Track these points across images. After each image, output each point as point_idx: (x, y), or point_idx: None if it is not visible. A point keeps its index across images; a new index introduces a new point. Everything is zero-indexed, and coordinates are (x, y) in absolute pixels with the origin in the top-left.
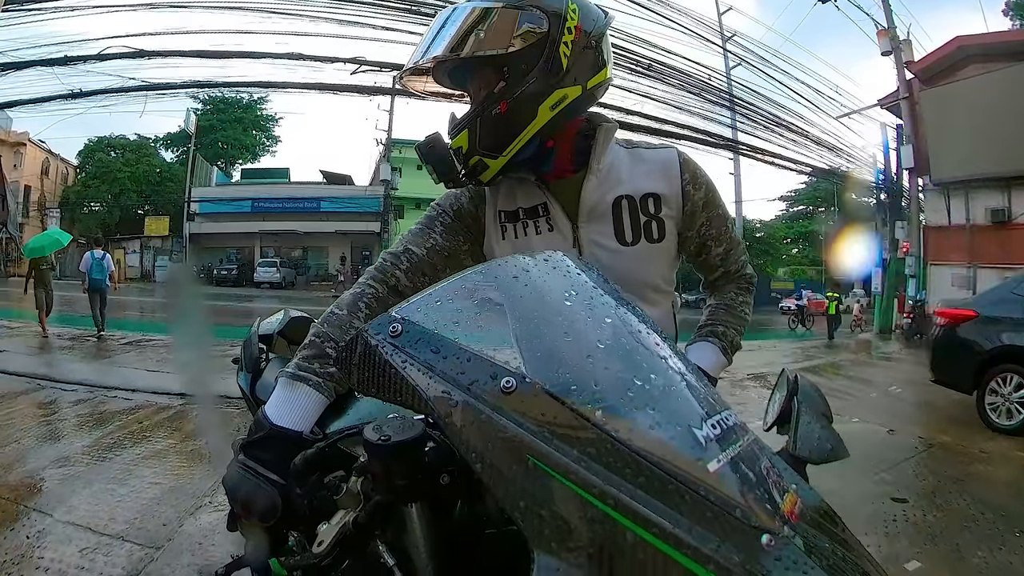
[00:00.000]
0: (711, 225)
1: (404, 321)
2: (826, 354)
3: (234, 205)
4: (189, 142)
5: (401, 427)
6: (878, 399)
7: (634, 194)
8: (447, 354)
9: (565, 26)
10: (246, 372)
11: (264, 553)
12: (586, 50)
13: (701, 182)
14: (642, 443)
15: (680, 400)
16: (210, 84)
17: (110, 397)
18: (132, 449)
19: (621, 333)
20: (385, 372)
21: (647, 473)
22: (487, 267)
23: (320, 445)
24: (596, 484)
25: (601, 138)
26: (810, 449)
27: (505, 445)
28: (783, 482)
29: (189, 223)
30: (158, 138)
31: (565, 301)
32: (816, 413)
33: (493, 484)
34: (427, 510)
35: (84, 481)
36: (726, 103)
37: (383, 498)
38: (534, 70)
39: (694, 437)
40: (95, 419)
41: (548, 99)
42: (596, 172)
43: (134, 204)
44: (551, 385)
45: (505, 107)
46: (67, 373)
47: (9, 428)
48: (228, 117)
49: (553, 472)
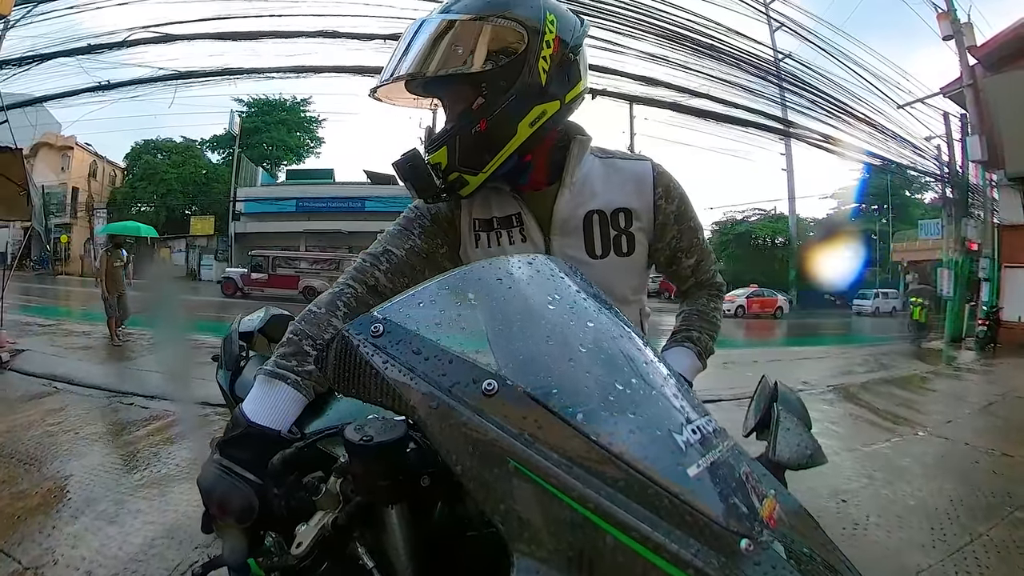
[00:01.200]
0: (682, 237)
1: (386, 321)
2: (901, 363)
3: (279, 205)
4: (234, 144)
5: (383, 428)
6: (976, 417)
7: (605, 208)
8: (429, 355)
9: (544, 40)
10: (226, 370)
11: (241, 554)
12: (564, 63)
13: (674, 195)
14: (622, 447)
15: (661, 405)
16: (241, 71)
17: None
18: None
19: (603, 337)
20: (366, 372)
21: (627, 477)
22: (470, 269)
23: (299, 445)
24: (576, 488)
25: (575, 151)
26: (789, 455)
27: (486, 448)
28: (762, 488)
29: (234, 223)
30: (204, 140)
31: (548, 304)
32: (795, 419)
33: (473, 487)
34: (407, 512)
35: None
36: (774, 81)
37: (363, 499)
38: (513, 87)
39: (674, 442)
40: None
41: (528, 116)
42: (569, 186)
43: (180, 204)
44: (532, 388)
45: (485, 125)
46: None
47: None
48: (272, 119)
49: (533, 475)
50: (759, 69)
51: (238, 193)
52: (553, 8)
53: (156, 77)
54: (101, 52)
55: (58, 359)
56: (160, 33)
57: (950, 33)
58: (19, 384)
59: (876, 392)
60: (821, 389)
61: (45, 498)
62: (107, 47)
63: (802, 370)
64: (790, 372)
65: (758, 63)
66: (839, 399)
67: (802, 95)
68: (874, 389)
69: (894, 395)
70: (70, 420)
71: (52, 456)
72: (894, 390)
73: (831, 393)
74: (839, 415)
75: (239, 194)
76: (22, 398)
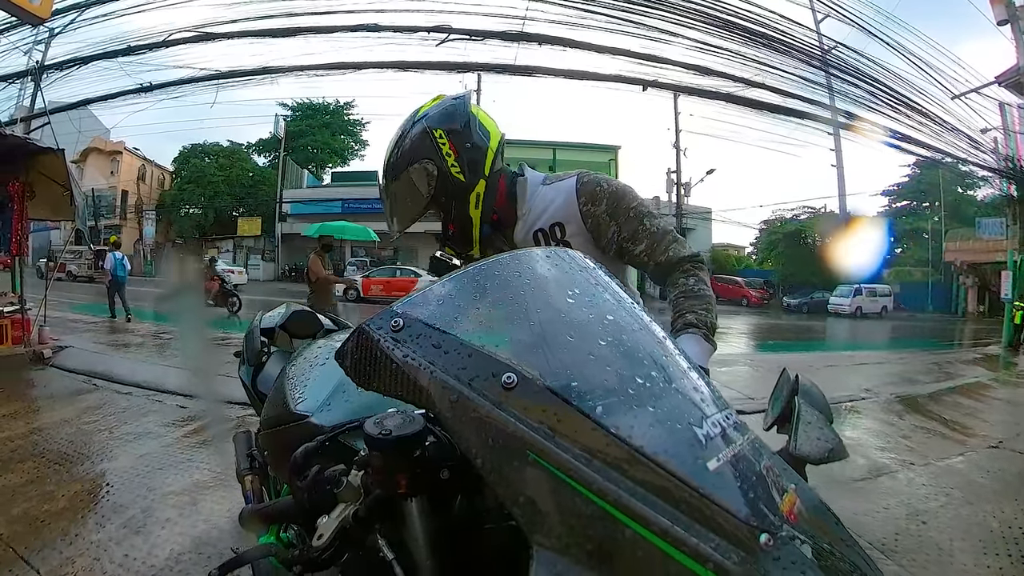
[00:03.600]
0: (623, 229)
1: (405, 316)
2: (963, 370)
3: (324, 206)
4: (279, 147)
5: (402, 422)
6: None
7: (544, 226)
8: (448, 349)
9: (443, 153)
10: (248, 365)
11: (263, 549)
12: (465, 150)
13: (600, 197)
14: (642, 441)
15: (681, 398)
16: (281, 69)
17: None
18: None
19: (623, 330)
20: (386, 366)
21: (647, 471)
22: (489, 263)
23: (321, 438)
24: (596, 481)
25: (519, 191)
26: (810, 449)
27: (506, 441)
28: (782, 482)
29: (281, 224)
30: (250, 144)
31: (568, 298)
32: (817, 413)
33: (493, 480)
34: (427, 504)
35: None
36: (819, 64)
37: (383, 492)
38: (448, 195)
39: (694, 435)
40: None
41: (469, 204)
42: (521, 218)
43: (228, 206)
44: (552, 381)
45: (453, 227)
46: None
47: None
48: (316, 122)
49: (553, 468)
50: (805, 55)
51: (284, 195)
52: (438, 122)
53: (197, 78)
54: (142, 53)
55: (99, 356)
56: (200, 32)
57: (1005, 18)
58: (59, 381)
59: (942, 401)
60: (886, 398)
61: (72, 502)
62: (147, 47)
63: (861, 376)
64: (848, 379)
65: (806, 50)
66: (906, 410)
67: (852, 85)
68: (940, 398)
69: (960, 404)
70: (106, 419)
71: (83, 456)
72: (960, 399)
73: (898, 404)
74: (908, 427)
75: (285, 196)
76: (60, 395)
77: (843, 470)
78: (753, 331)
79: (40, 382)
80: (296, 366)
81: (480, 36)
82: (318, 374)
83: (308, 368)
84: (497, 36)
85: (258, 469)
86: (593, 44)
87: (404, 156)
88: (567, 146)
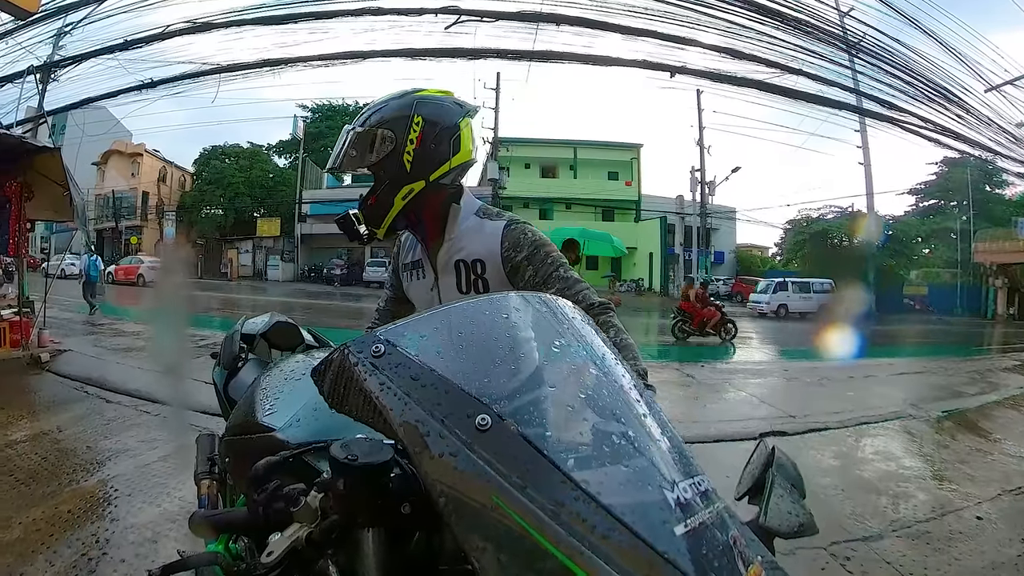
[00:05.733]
0: (537, 274)
1: (387, 343)
2: (1007, 379)
3: (344, 207)
4: (299, 148)
5: (369, 449)
6: None
7: (467, 258)
8: (426, 383)
9: (408, 138)
10: (222, 368)
11: (210, 556)
12: (431, 148)
13: (523, 245)
14: (611, 499)
15: (654, 460)
16: (284, 60)
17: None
18: None
19: (604, 384)
20: (361, 391)
21: (613, 530)
22: (478, 302)
23: (284, 453)
24: (559, 534)
25: (450, 216)
26: (780, 522)
27: (472, 483)
28: (748, 553)
29: (300, 224)
30: (270, 145)
31: (552, 346)
32: (789, 486)
33: (455, 521)
34: (384, 537)
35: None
36: (842, 46)
37: (340, 518)
38: (387, 173)
39: (664, 499)
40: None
41: (399, 192)
42: (447, 240)
43: (247, 207)
44: (526, 428)
45: (374, 200)
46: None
47: None
48: (335, 124)
49: (518, 517)
50: (835, 40)
51: (304, 195)
52: (424, 109)
53: (199, 72)
54: (139, 47)
55: (96, 361)
56: (198, 23)
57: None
58: (50, 387)
59: (993, 417)
60: (936, 415)
61: (26, 531)
62: (144, 41)
63: (901, 388)
64: (889, 391)
65: (835, 36)
66: (958, 428)
67: (881, 71)
68: (990, 414)
69: (1014, 420)
70: (87, 432)
71: (53, 476)
72: (1010, 413)
73: (947, 420)
74: (965, 450)
75: (305, 196)
76: (48, 404)
77: (902, 508)
78: (774, 336)
79: (31, 389)
80: (271, 377)
81: (492, 17)
82: (291, 388)
83: (283, 381)
84: (512, 17)
85: (217, 475)
86: (617, 24)
87: (378, 115)
88: (588, 144)
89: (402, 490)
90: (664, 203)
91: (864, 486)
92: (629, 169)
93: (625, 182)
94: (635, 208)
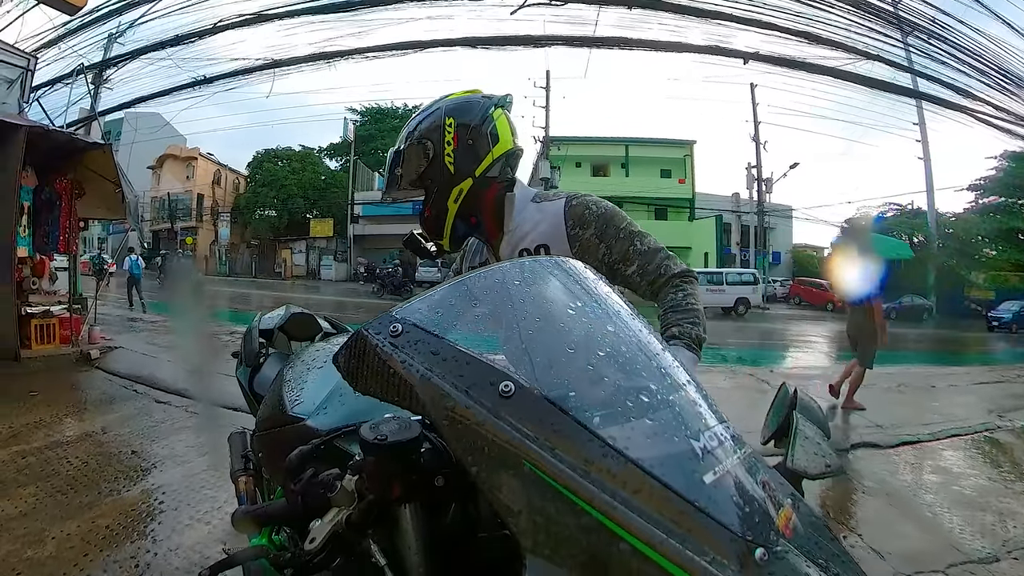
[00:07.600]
0: (612, 252)
1: (404, 322)
2: None
3: (395, 207)
4: (350, 151)
5: (398, 428)
6: None
7: (530, 246)
8: (446, 356)
9: (444, 141)
10: (245, 366)
11: (255, 551)
12: (469, 145)
13: (589, 221)
14: (639, 452)
15: (678, 411)
16: (340, 52)
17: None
18: None
19: (622, 342)
20: (384, 372)
21: (643, 483)
22: (490, 271)
23: (316, 441)
24: (591, 492)
25: (507, 207)
26: (807, 464)
27: (502, 449)
28: (779, 496)
29: (353, 225)
30: (322, 148)
31: (567, 308)
32: (814, 428)
33: (488, 488)
34: (421, 511)
35: None
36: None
37: (377, 498)
38: (434, 181)
39: (691, 448)
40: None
41: (450, 196)
42: (507, 233)
43: (301, 209)
44: (550, 391)
45: (429, 211)
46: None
47: None
48: (385, 126)
49: (548, 478)
50: (895, 21)
51: (355, 197)
52: (453, 111)
53: (252, 68)
54: (191, 41)
55: (146, 359)
56: (250, 14)
57: None
58: (99, 385)
59: None
60: (1022, 425)
61: (59, 548)
62: (196, 35)
63: (985, 398)
64: (976, 402)
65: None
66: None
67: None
68: None
69: None
70: (134, 435)
71: (94, 484)
72: None
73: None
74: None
75: (356, 198)
76: (95, 402)
77: (1011, 527)
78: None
79: (80, 386)
80: (293, 368)
81: (560, 1)
82: (315, 377)
83: (305, 371)
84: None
85: (252, 470)
86: (685, 6)
87: (413, 131)
88: (640, 142)
89: (434, 464)
90: (719, 201)
91: (967, 502)
92: (682, 166)
93: (678, 180)
94: (689, 207)
